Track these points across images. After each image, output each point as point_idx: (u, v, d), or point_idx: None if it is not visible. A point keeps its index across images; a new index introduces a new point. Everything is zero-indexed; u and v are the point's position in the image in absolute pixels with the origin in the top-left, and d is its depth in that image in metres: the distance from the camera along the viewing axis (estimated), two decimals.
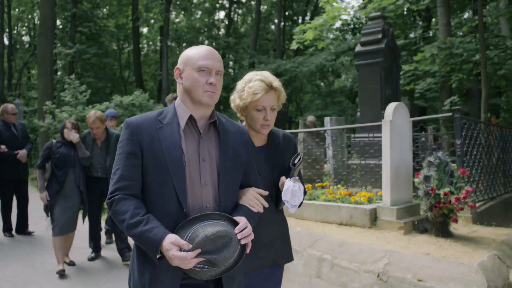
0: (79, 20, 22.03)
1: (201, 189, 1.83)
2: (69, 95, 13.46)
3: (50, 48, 16.31)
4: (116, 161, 1.85)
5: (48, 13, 16.37)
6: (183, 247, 1.65)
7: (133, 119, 1.87)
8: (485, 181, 6.33)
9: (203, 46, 1.90)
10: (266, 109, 2.17)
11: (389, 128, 4.60)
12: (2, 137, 6.58)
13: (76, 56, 20.61)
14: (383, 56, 6.85)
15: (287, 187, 2.10)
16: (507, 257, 3.96)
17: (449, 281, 3.25)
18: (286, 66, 20.30)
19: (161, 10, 24.58)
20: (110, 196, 1.81)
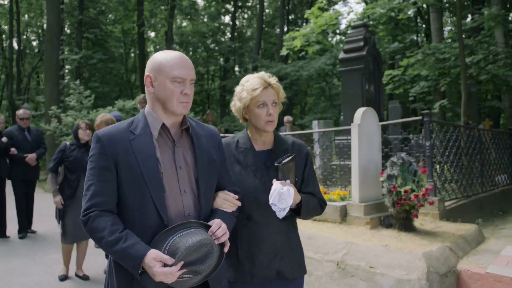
0: (85, 26, 22.61)
1: (181, 197, 1.81)
2: (74, 99, 13.97)
3: (56, 54, 16.88)
4: (88, 177, 1.78)
5: (54, 20, 16.95)
6: (166, 262, 1.63)
7: (104, 132, 1.81)
8: (459, 180, 6.68)
9: (174, 52, 1.86)
10: (267, 104, 2.14)
11: (357, 131, 4.99)
12: (14, 140, 6.91)
13: (82, 62, 21.17)
14: (364, 63, 7.23)
15: (273, 189, 2.04)
16: (460, 249, 4.33)
17: (396, 267, 3.64)
18: (287, 70, 20.74)
19: (165, 16, 25.16)
20: (84, 213, 1.74)
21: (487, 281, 3.73)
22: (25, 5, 29.78)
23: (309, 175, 2.27)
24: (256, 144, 2.23)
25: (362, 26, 7.61)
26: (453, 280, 3.82)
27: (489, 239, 5.11)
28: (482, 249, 4.59)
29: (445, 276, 3.68)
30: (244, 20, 38.24)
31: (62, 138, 13.52)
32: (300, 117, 29.78)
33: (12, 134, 6.95)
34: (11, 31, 27.01)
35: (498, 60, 9.12)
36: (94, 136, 1.82)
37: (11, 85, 27.13)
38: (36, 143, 7.17)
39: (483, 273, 3.78)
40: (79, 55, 19.92)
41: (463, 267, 3.94)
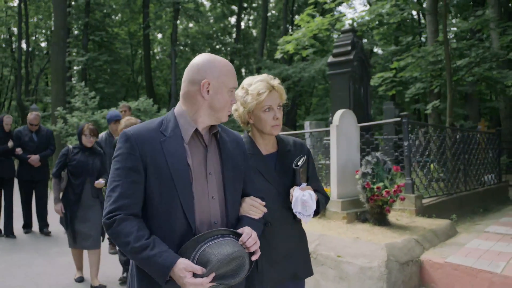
0: (91, 29, 23.11)
1: (209, 204, 1.76)
2: (79, 101, 14.42)
3: (62, 57, 17.36)
4: (114, 177, 1.70)
5: (61, 23, 17.43)
6: (197, 272, 1.58)
7: (133, 131, 1.73)
8: (439, 179, 6.99)
9: (226, 60, 1.83)
10: (273, 108, 2.11)
11: (336, 132, 5.34)
12: (21, 141, 7.03)
13: (88, 63, 21.65)
14: (351, 67, 7.56)
15: (295, 198, 2.02)
16: (427, 241, 4.66)
17: (360, 256, 3.98)
18: (289, 71, 21.10)
19: (170, 18, 25.63)
20: (110, 215, 1.66)
21: (445, 270, 4.07)
22: (33, 8, 30.39)
23: (312, 172, 2.29)
24: (260, 148, 2.20)
25: (350, 31, 7.94)
26: (415, 269, 4.16)
27: (461, 234, 5.44)
28: (450, 242, 4.92)
29: (406, 264, 4.01)
30: (250, 22, 38.63)
31: (67, 138, 13.97)
32: (303, 117, 30.07)
33: (20, 134, 7.08)
34: (20, 33, 27.60)
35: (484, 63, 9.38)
36: (123, 134, 1.73)
37: (19, 86, 27.72)
38: (44, 144, 7.19)
39: (442, 263, 4.11)
40: (85, 57, 20.40)
41: (426, 257, 4.27)
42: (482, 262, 4.02)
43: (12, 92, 37.85)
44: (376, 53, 27.44)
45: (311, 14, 8.86)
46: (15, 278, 5.06)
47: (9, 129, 7.07)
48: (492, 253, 4.36)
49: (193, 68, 1.79)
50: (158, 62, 37.11)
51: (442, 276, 4.08)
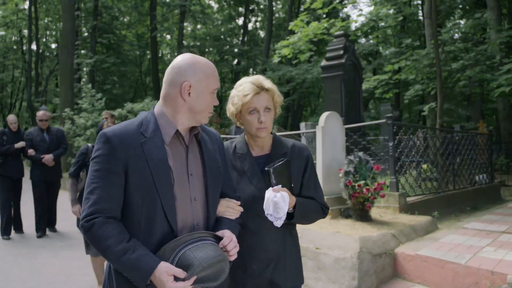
0: (99, 31, 23.62)
1: (191, 206, 1.73)
2: (86, 102, 14.86)
3: (70, 59, 17.83)
4: (93, 179, 1.65)
5: (69, 27, 17.91)
6: (179, 276, 1.55)
7: (112, 132, 1.68)
8: (426, 178, 7.27)
9: (208, 61, 1.79)
10: (259, 111, 2.06)
11: (321, 133, 5.65)
12: (33, 141, 7.10)
13: (96, 65, 22.14)
14: (343, 70, 7.87)
15: (266, 198, 1.95)
16: (404, 236, 4.96)
17: (335, 248, 4.30)
18: (292, 73, 21.41)
19: (176, 21, 26.08)
20: (88, 218, 1.61)
21: (416, 261, 4.37)
22: (43, 10, 31.04)
23: (310, 178, 2.19)
24: (253, 149, 2.17)
25: (343, 36, 8.25)
26: (388, 260, 4.46)
27: (441, 230, 5.72)
28: (428, 237, 5.21)
29: (378, 256, 4.32)
30: (257, 23, 39.00)
31: (75, 138, 14.42)
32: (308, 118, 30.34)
33: (31, 135, 7.14)
34: (30, 35, 28.23)
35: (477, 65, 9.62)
36: (102, 135, 1.68)
37: (30, 88, 28.33)
38: (55, 143, 7.23)
39: (413, 255, 4.41)
40: (93, 59, 20.89)
41: (399, 250, 4.57)
42: (450, 254, 4.32)
43: (23, 93, 38.64)
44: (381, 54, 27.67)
45: (304, 20, 9.19)
46: (21, 268, 5.45)
47: (16, 128, 7.17)
48: (463, 246, 4.65)
49: (174, 69, 1.74)
50: (166, 64, 37.67)
51: (413, 268, 4.38)
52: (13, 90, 39.95)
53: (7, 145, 6.99)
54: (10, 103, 40.55)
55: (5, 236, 6.97)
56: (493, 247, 4.63)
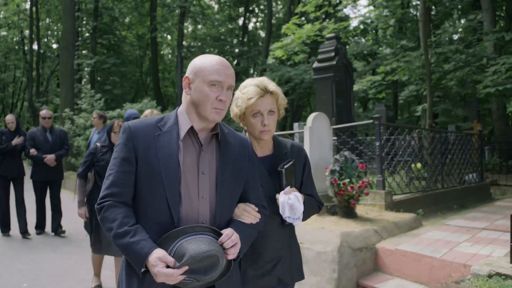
0: (99, 32, 23.87)
1: (198, 203, 1.77)
2: (86, 102, 15.10)
3: (71, 60, 18.07)
4: (110, 166, 1.79)
5: (70, 28, 18.15)
6: (170, 264, 1.60)
7: (132, 124, 1.81)
8: (414, 177, 7.48)
9: (215, 56, 1.83)
10: (263, 114, 2.09)
11: (309, 133, 5.86)
12: (36, 141, 7.07)
13: (97, 66, 22.39)
14: (334, 72, 8.07)
15: (281, 203, 2.01)
16: (386, 232, 5.17)
17: (317, 243, 4.51)
18: (290, 74, 21.61)
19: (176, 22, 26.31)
20: (100, 201, 1.74)
21: (395, 256, 4.58)
22: (44, 11, 31.31)
23: (308, 177, 2.27)
24: (256, 150, 2.18)
25: (334, 38, 8.45)
26: (369, 254, 4.67)
27: (425, 226, 5.93)
28: (410, 233, 5.42)
29: (359, 250, 4.53)
30: (258, 23, 39.22)
31: (74, 138, 14.65)
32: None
33: (34, 135, 7.12)
34: (31, 36, 28.49)
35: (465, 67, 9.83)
36: (122, 127, 1.82)
37: (31, 88, 28.59)
38: (58, 143, 7.22)
39: (393, 249, 4.63)
40: (93, 60, 21.14)
41: (380, 245, 4.79)
42: (428, 249, 4.53)
43: (24, 94, 38.94)
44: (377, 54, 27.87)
45: (296, 23, 9.41)
46: (21, 262, 5.68)
47: (13, 127, 7.15)
48: (441, 242, 4.86)
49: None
50: (167, 64, 37.90)
51: (393, 262, 4.59)
52: (14, 90, 40.26)
53: (5, 144, 7.00)
54: (11, 103, 40.85)
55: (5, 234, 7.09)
56: (470, 242, 4.84)
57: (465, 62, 9.94)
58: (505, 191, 11.00)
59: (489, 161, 13.93)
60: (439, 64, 10.47)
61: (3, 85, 38.41)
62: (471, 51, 10.74)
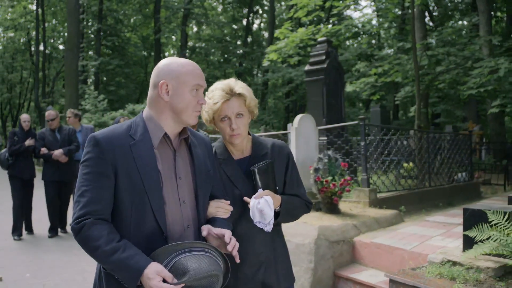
0: (104, 34, 24.34)
1: (180, 208, 1.76)
2: (89, 103, 15.53)
3: (75, 62, 18.51)
4: (83, 182, 1.67)
5: (74, 30, 18.58)
6: (167, 280, 1.53)
7: (102, 135, 1.71)
8: (400, 176, 7.79)
9: (186, 59, 1.80)
10: (230, 118, 2.03)
11: (295, 133, 6.20)
12: (45, 141, 7.06)
13: (101, 67, 22.85)
14: (324, 74, 8.40)
15: (251, 207, 1.96)
16: (365, 226, 5.50)
17: (298, 235, 4.85)
18: (291, 75, 21.96)
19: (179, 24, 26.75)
20: (78, 220, 1.62)
21: (370, 248, 4.91)
22: (50, 12, 31.84)
23: (292, 176, 2.20)
24: (233, 154, 2.15)
25: (325, 42, 8.78)
26: (346, 247, 5.01)
27: (406, 222, 6.24)
28: (390, 228, 5.74)
29: (336, 243, 4.87)
30: (262, 24, 39.54)
31: None
32: None
33: (44, 135, 7.14)
34: (37, 37, 29.02)
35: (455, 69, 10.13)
36: (91, 138, 1.71)
37: (37, 89, 29.11)
38: (67, 142, 7.15)
39: (369, 242, 4.95)
40: (97, 62, 21.60)
41: (358, 238, 5.12)
42: (401, 242, 4.85)
43: (31, 94, 39.57)
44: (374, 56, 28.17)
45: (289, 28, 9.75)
46: (24, 254, 6.07)
47: (28, 127, 7.13)
48: (416, 236, 5.17)
49: (154, 72, 1.78)
50: None
51: (368, 254, 4.92)
52: (21, 90, 40.91)
53: (18, 144, 6.98)
54: (18, 103, 41.50)
55: (15, 237, 6.95)
56: (443, 236, 5.15)
57: (456, 64, 10.23)
58: (496, 190, 11.26)
59: (483, 161, 14.20)
60: (431, 66, 10.76)
61: (10, 85, 39.08)
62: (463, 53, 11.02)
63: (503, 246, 2.95)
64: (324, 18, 18.08)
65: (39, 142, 7.08)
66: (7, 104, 42.24)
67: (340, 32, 9.69)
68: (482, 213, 3.39)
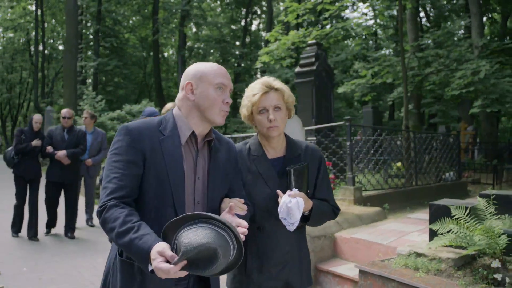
0: (102, 35, 24.60)
1: (194, 208, 1.79)
2: (87, 104, 15.78)
3: (74, 63, 18.76)
4: (112, 169, 1.70)
5: (73, 31, 18.83)
6: (168, 259, 1.48)
7: (134, 126, 1.76)
8: (386, 175, 8.05)
9: (214, 63, 1.87)
10: (268, 110, 2.08)
11: None
12: (53, 139, 6.95)
13: (100, 68, 23.11)
14: (314, 76, 8.65)
15: (281, 203, 1.96)
16: (347, 223, 5.75)
17: None
18: (287, 75, 22.22)
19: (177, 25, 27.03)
20: (102, 203, 1.65)
21: (350, 243, 5.16)
22: (49, 13, 32.12)
23: (323, 180, 2.21)
24: (267, 151, 2.17)
25: (315, 44, 9.03)
26: (328, 242, 5.26)
27: (388, 219, 6.50)
28: (372, 225, 5.99)
29: (317, 238, 5.12)
30: (261, 24, 39.77)
31: None
32: None
33: (52, 133, 7.04)
34: (37, 38, 29.29)
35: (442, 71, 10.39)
36: (123, 127, 1.76)
37: (36, 89, 29.38)
38: (74, 144, 7.02)
39: (349, 238, 5.21)
40: (96, 62, 21.85)
41: (339, 234, 5.37)
42: (379, 237, 5.10)
43: (30, 94, 39.83)
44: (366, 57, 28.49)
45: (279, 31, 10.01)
46: (22, 249, 6.31)
47: (38, 128, 6.96)
48: (394, 232, 5.43)
49: (183, 76, 1.88)
50: (170, 65, 38.61)
51: (348, 248, 5.17)
52: (21, 91, 41.21)
53: (24, 143, 6.82)
54: (18, 103, 41.78)
55: (13, 234, 6.98)
56: (420, 232, 5.40)
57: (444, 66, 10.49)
58: (485, 189, 11.51)
59: (474, 161, 14.45)
60: (420, 68, 11.02)
61: (10, 86, 39.38)
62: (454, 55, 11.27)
63: (460, 238, 3.19)
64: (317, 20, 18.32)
65: (46, 140, 6.95)
66: (6, 104, 42.53)
67: (330, 34, 9.94)
68: (446, 208, 3.64)
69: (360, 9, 11.97)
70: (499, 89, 9.49)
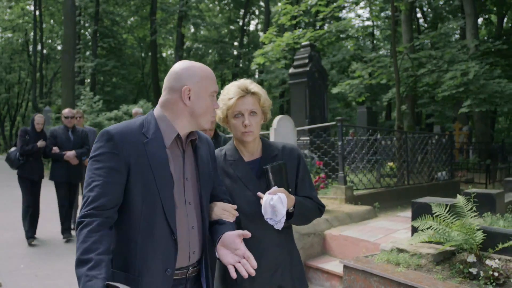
0: (100, 35, 24.73)
1: (186, 209, 1.75)
2: (85, 104, 15.90)
3: (72, 64, 18.87)
4: (94, 177, 1.62)
5: (71, 32, 18.94)
6: None
7: (115, 130, 1.68)
8: (378, 175, 8.18)
9: (204, 66, 1.82)
10: (243, 114, 2.03)
11: (274, 133, 6.57)
12: (57, 139, 6.86)
13: (97, 69, 23.23)
14: (307, 77, 8.78)
15: (264, 202, 1.91)
16: (337, 221, 5.88)
17: None
18: (284, 75, 22.36)
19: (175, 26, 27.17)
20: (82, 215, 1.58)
21: (339, 240, 5.30)
22: (48, 14, 32.23)
23: (304, 178, 2.16)
24: (244, 155, 2.14)
25: (309, 46, 9.16)
26: (317, 239, 5.39)
27: (378, 217, 6.63)
28: (361, 223, 6.12)
29: (307, 235, 5.25)
30: (259, 25, 39.94)
31: None
32: None
33: (56, 133, 6.94)
34: (35, 38, 29.39)
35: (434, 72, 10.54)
36: (104, 132, 1.68)
37: (34, 89, 29.49)
38: (79, 143, 6.97)
39: (337, 235, 5.34)
40: (93, 63, 21.98)
41: (328, 231, 5.50)
42: (367, 235, 5.24)
43: (29, 94, 39.87)
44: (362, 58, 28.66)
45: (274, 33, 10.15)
46: (20, 247, 6.44)
47: (40, 128, 6.87)
48: (382, 229, 5.56)
49: (172, 75, 1.77)
50: (168, 65, 38.73)
51: (337, 245, 5.30)
52: (19, 91, 41.31)
53: (30, 145, 6.71)
54: (16, 103, 41.87)
55: (30, 239, 6.72)
56: (407, 230, 5.51)
57: (437, 67, 10.63)
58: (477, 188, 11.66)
59: (468, 160, 14.61)
60: (413, 69, 11.16)
61: (9, 86, 39.47)
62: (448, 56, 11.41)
63: (439, 234, 3.33)
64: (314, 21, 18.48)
65: (50, 141, 6.86)
66: (5, 104, 42.60)
67: (324, 36, 10.08)
68: (427, 205, 3.78)
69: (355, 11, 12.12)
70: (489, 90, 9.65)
